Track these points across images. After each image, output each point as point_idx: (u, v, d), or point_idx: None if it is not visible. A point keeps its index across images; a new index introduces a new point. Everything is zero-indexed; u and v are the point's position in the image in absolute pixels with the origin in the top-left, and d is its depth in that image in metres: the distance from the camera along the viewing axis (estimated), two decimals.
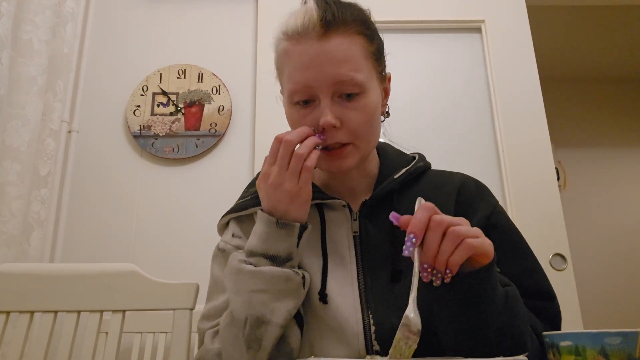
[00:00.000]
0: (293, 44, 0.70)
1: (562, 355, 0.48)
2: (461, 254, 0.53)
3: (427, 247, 0.54)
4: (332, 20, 0.68)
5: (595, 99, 3.84)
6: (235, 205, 0.81)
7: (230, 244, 0.78)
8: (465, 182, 0.81)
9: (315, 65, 0.68)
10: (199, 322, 0.76)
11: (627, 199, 3.64)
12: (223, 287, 0.75)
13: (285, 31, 0.72)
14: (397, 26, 2.00)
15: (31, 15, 1.63)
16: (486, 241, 0.56)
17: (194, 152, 1.87)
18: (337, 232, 0.74)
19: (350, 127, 0.69)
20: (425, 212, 0.55)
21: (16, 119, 1.55)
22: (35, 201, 1.61)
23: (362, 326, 0.67)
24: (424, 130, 1.90)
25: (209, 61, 1.99)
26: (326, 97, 0.68)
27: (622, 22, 3.24)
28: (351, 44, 0.69)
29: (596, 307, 3.24)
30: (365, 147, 0.73)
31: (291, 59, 0.71)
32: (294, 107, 0.72)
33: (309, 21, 0.68)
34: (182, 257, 1.76)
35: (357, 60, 0.69)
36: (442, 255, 0.53)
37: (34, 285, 0.93)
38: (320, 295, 0.69)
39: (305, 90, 0.69)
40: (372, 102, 0.72)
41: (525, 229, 1.72)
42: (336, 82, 0.68)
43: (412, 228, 0.54)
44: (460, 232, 0.54)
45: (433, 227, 0.54)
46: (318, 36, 0.68)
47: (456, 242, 0.53)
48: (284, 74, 0.73)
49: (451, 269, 0.54)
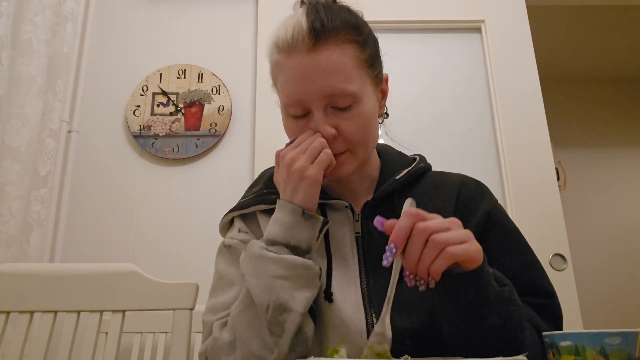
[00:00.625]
0: (284, 57, 0.70)
1: (561, 355, 0.48)
2: (441, 262, 0.52)
3: (408, 256, 0.54)
4: (322, 30, 0.68)
5: (595, 99, 3.84)
6: (237, 204, 0.81)
7: (237, 239, 0.78)
8: (465, 182, 0.81)
9: (306, 79, 0.68)
10: (204, 315, 0.75)
11: (627, 199, 3.64)
12: (229, 282, 0.75)
13: (276, 42, 0.72)
14: (397, 26, 2.00)
15: (31, 15, 1.63)
16: (472, 247, 0.55)
17: (194, 152, 1.87)
18: (340, 233, 0.75)
19: (346, 136, 0.70)
20: (408, 220, 0.54)
21: (16, 119, 1.55)
22: (35, 201, 1.61)
23: (365, 325, 0.67)
24: (424, 130, 1.90)
25: (209, 61, 1.99)
26: (319, 109, 0.69)
27: (622, 22, 3.24)
28: (341, 54, 0.69)
29: (596, 307, 3.24)
30: (362, 152, 0.73)
31: (283, 72, 0.71)
32: (290, 119, 0.73)
33: (298, 33, 0.68)
34: (182, 257, 1.76)
35: (348, 71, 0.69)
36: (423, 264, 0.53)
37: (34, 285, 0.93)
38: (325, 294, 0.69)
39: (298, 104, 0.70)
40: (367, 109, 0.72)
41: (525, 229, 1.72)
42: (327, 95, 0.68)
43: (393, 237, 0.54)
44: (441, 240, 0.53)
45: (415, 234, 0.54)
46: (307, 49, 0.68)
47: (437, 251, 0.53)
48: (278, 85, 0.74)
49: (433, 276, 0.53)
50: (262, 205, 0.77)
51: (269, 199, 0.76)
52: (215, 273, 0.78)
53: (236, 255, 0.76)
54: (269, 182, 0.81)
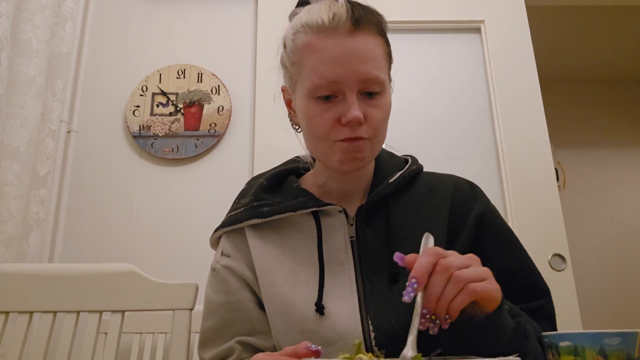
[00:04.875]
0: (320, 37, 0.68)
1: (561, 355, 0.48)
2: (462, 299, 0.52)
3: (430, 291, 0.53)
4: (360, 17, 0.68)
5: (595, 100, 3.84)
6: (226, 218, 0.80)
7: (220, 264, 0.78)
8: (459, 184, 0.81)
9: (345, 61, 0.67)
10: (198, 349, 0.77)
11: (626, 199, 3.64)
12: (211, 311, 0.76)
13: (308, 23, 0.70)
14: (397, 26, 2.00)
15: (30, 15, 1.63)
16: (492, 285, 0.55)
17: (194, 152, 1.87)
18: (334, 238, 0.73)
19: (372, 123, 0.69)
20: (431, 258, 0.53)
21: (15, 119, 1.55)
22: (34, 201, 1.61)
23: (362, 332, 0.67)
24: (423, 130, 1.90)
25: (208, 61, 1.99)
26: (352, 93, 0.68)
27: (622, 22, 3.24)
28: (375, 43, 0.70)
29: (595, 307, 3.24)
30: (378, 146, 0.73)
31: (317, 53, 0.69)
32: (313, 102, 0.69)
33: (338, 16, 0.68)
34: (182, 257, 1.75)
35: (380, 60, 0.70)
36: (444, 300, 0.52)
37: (33, 286, 0.93)
38: (317, 307, 0.68)
39: (331, 85, 0.68)
40: (389, 101, 0.72)
41: (525, 229, 1.75)
42: (364, 79, 0.68)
43: (415, 273, 0.52)
44: (464, 277, 0.52)
45: (439, 271, 0.53)
46: (347, 32, 0.68)
47: (459, 287, 0.52)
48: (305, 68, 0.70)
49: (451, 314, 0.53)
50: (254, 219, 0.76)
51: (261, 213, 0.75)
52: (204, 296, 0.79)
53: (219, 280, 0.77)
54: (258, 193, 0.79)
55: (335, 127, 0.69)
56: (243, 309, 0.75)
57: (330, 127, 0.69)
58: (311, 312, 0.68)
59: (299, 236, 0.75)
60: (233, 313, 0.75)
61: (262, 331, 0.74)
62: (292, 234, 0.76)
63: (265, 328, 0.74)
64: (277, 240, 0.76)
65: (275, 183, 0.81)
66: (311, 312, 0.68)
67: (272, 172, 0.84)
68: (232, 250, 0.78)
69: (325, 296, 0.69)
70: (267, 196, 0.79)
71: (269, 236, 0.76)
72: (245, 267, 0.76)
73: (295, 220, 0.76)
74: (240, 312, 0.75)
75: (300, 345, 0.50)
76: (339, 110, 0.68)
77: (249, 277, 0.75)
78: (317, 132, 0.70)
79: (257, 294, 0.76)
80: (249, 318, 0.75)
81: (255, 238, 0.76)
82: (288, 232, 0.76)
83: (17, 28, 1.59)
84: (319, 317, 0.68)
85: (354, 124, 0.67)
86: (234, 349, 0.74)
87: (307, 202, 0.74)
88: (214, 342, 0.76)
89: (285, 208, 0.75)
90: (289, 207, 0.74)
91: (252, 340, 0.74)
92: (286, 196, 0.78)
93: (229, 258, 0.77)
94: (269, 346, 0.74)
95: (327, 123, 0.69)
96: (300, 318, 0.68)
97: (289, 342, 0.66)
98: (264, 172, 0.86)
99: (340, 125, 0.68)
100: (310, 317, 0.68)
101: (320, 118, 0.69)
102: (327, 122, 0.69)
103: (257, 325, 0.75)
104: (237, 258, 0.77)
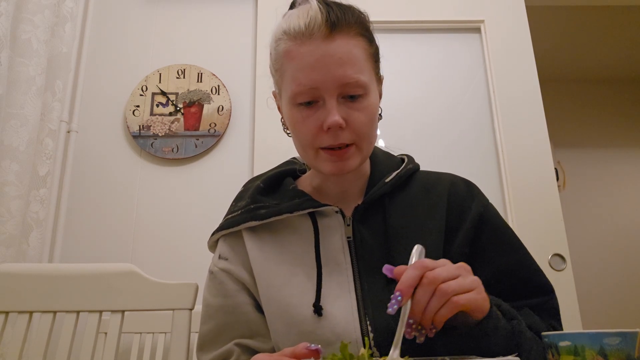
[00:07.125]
0: (297, 44, 0.69)
1: (561, 355, 0.48)
2: (446, 312, 0.53)
3: (415, 305, 0.53)
4: (336, 21, 0.68)
5: (595, 99, 3.84)
6: (223, 222, 0.80)
7: (217, 267, 0.78)
8: (455, 183, 0.81)
9: (321, 67, 0.67)
10: (196, 352, 0.76)
11: (626, 199, 3.64)
12: (208, 316, 0.76)
13: (286, 31, 0.70)
14: (397, 26, 2.00)
15: (30, 15, 1.63)
16: (479, 295, 0.56)
17: (194, 152, 1.87)
18: (332, 239, 0.73)
19: (354, 127, 0.69)
20: (417, 272, 0.54)
21: (15, 119, 1.55)
22: (34, 201, 1.61)
23: (360, 333, 0.67)
24: (423, 130, 1.90)
25: (208, 61, 1.99)
26: (332, 98, 0.68)
27: (622, 22, 3.24)
28: (354, 45, 0.69)
29: (595, 307, 3.24)
30: (367, 148, 0.73)
31: (295, 60, 0.69)
32: (295, 108, 0.71)
33: (314, 21, 0.68)
34: (182, 257, 1.75)
35: (360, 62, 0.69)
36: (428, 312, 0.53)
37: (33, 286, 0.93)
38: (315, 308, 0.68)
39: (310, 91, 0.68)
40: (374, 103, 0.72)
41: (525, 229, 1.75)
42: (342, 83, 0.68)
43: (400, 286, 0.53)
44: (449, 290, 0.53)
45: (425, 284, 0.53)
46: (323, 37, 0.68)
47: (443, 300, 0.53)
48: (286, 75, 0.71)
49: (436, 325, 0.54)
50: (252, 222, 0.76)
51: (258, 215, 0.75)
52: (202, 299, 0.79)
53: (217, 283, 0.77)
54: (254, 195, 0.79)
55: (318, 134, 0.69)
56: (241, 311, 0.75)
57: (313, 134, 0.69)
58: (309, 314, 0.68)
59: (296, 237, 0.75)
60: (231, 316, 0.75)
61: (261, 333, 0.74)
62: (290, 235, 0.76)
63: (264, 330, 0.74)
64: (275, 242, 0.76)
65: (271, 185, 0.82)
66: (309, 314, 0.68)
67: (269, 174, 0.84)
68: (230, 253, 0.78)
69: (323, 297, 0.69)
70: (264, 198, 0.79)
71: (266, 238, 0.76)
72: (242, 269, 0.76)
73: (292, 222, 0.76)
74: (238, 314, 0.75)
75: (299, 346, 0.51)
76: (320, 117, 0.69)
77: (247, 279, 0.75)
78: (302, 139, 0.71)
79: (255, 297, 0.76)
80: (247, 321, 0.75)
81: (252, 240, 0.76)
82: (285, 233, 0.76)
83: (17, 28, 1.59)
84: (317, 318, 0.68)
85: (335, 129, 0.68)
86: (232, 352, 0.74)
87: (304, 204, 0.74)
88: (212, 345, 0.76)
89: (282, 210, 0.75)
90: (286, 209, 0.74)
91: (251, 342, 0.74)
92: (283, 198, 0.78)
93: (226, 261, 0.77)
94: (268, 348, 0.73)
95: (309, 130, 0.69)
96: (298, 319, 0.68)
97: (288, 344, 0.66)
98: (261, 174, 0.86)
99: (323, 132, 0.69)
100: (309, 318, 0.68)
101: (302, 125, 0.70)
102: (309, 129, 0.69)
103: (255, 328, 0.74)
104: (234, 261, 0.77)
